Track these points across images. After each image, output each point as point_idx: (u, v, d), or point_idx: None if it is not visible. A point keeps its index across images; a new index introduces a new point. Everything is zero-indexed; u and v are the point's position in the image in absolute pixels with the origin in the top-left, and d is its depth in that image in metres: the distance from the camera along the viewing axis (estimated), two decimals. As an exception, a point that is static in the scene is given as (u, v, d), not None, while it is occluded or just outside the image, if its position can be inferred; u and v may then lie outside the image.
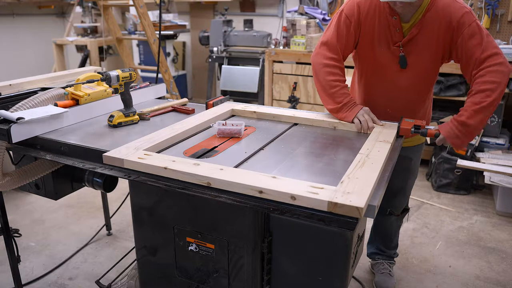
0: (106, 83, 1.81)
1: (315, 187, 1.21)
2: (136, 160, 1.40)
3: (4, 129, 1.63)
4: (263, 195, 1.22)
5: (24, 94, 2.08)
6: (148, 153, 1.46)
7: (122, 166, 1.43)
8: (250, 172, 1.32)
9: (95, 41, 5.30)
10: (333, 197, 1.15)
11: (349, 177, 1.28)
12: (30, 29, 6.21)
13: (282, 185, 1.22)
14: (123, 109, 1.88)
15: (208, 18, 5.93)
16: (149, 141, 1.57)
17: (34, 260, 2.70)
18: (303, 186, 1.21)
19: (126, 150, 1.48)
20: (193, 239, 1.50)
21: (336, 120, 1.86)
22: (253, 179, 1.26)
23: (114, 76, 1.80)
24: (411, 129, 1.73)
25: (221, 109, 2.03)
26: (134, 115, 1.89)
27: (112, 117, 1.84)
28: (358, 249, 1.53)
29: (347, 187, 1.21)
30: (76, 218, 3.23)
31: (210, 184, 1.29)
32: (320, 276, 1.36)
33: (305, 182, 1.24)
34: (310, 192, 1.18)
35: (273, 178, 1.26)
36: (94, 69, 2.62)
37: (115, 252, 2.79)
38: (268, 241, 1.40)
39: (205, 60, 5.61)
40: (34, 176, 1.91)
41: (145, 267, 1.68)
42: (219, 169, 1.33)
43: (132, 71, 1.86)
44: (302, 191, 1.18)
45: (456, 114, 1.75)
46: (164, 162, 1.38)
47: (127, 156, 1.42)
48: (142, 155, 1.44)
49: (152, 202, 1.56)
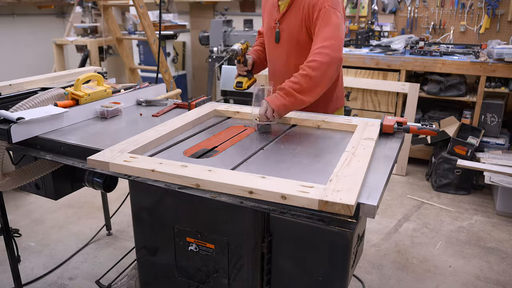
0: (234, 57, 1.98)
1: (305, 186, 1.21)
2: (122, 163, 1.38)
3: (4, 129, 1.63)
4: (253, 195, 1.22)
5: (24, 94, 2.08)
6: (134, 155, 1.44)
7: (108, 169, 1.40)
8: (240, 173, 1.31)
9: (95, 41, 5.30)
10: (323, 195, 1.16)
11: (337, 175, 1.29)
12: (30, 29, 6.21)
13: (272, 185, 1.23)
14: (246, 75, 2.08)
15: (208, 18, 5.93)
16: (134, 143, 1.56)
17: (34, 260, 2.70)
18: (293, 185, 1.22)
19: (110, 153, 1.45)
20: (193, 239, 1.50)
21: (319, 119, 1.87)
22: (243, 180, 1.26)
23: (239, 49, 1.98)
24: (393, 125, 1.75)
25: (204, 109, 2.03)
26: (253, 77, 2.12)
27: (241, 83, 2.05)
28: (358, 249, 1.53)
29: (336, 185, 1.22)
30: (76, 218, 3.23)
31: (199, 185, 1.29)
32: (320, 276, 1.36)
33: (295, 182, 1.24)
34: (300, 191, 1.18)
35: (263, 178, 1.26)
36: (94, 69, 2.61)
37: (115, 252, 2.79)
38: (268, 241, 1.40)
39: (205, 60, 5.61)
40: (34, 176, 1.91)
41: (145, 267, 1.68)
42: (208, 170, 1.32)
43: (247, 41, 2.05)
44: (292, 190, 1.19)
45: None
46: (151, 165, 1.36)
47: (112, 159, 1.40)
48: (128, 157, 1.42)
49: (152, 202, 1.56)
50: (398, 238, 2.96)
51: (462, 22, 4.38)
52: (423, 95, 3.95)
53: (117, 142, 1.63)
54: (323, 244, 1.32)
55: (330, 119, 1.88)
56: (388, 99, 4.06)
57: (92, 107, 1.99)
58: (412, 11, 4.58)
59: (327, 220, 1.19)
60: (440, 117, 4.08)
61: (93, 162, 1.43)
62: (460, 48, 4.14)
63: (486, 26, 4.28)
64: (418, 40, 4.17)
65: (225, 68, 4.87)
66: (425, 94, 3.94)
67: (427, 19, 4.55)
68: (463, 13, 4.36)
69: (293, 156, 1.53)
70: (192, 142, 1.70)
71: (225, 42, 4.94)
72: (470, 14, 4.34)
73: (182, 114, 1.96)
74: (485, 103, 3.75)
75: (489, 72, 3.62)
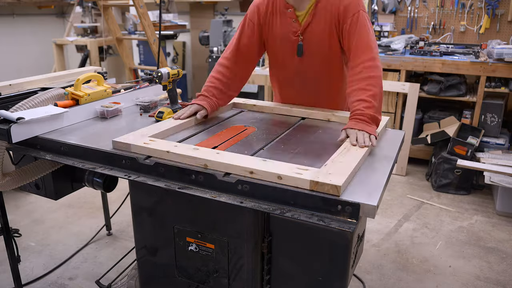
0: (158, 81, 1.86)
1: (300, 168, 1.30)
2: (142, 145, 1.50)
3: (4, 129, 1.63)
4: (254, 175, 1.31)
5: (24, 94, 2.08)
6: (152, 139, 1.57)
7: (130, 150, 1.52)
8: (244, 156, 1.42)
9: (95, 41, 5.30)
10: (315, 177, 1.24)
11: (333, 161, 1.37)
12: (30, 29, 6.21)
13: (271, 166, 1.32)
14: (170, 105, 1.96)
15: (208, 18, 5.93)
16: (153, 129, 1.69)
17: (34, 260, 2.70)
18: (290, 167, 1.30)
19: (133, 137, 1.58)
20: (193, 239, 1.50)
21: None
22: (246, 162, 1.36)
23: (166, 73, 1.87)
24: None
25: None
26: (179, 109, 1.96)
27: (162, 113, 1.89)
28: (358, 249, 1.53)
29: (329, 169, 1.29)
30: (76, 218, 3.23)
31: (207, 166, 1.38)
32: (320, 276, 1.36)
33: (293, 165, 1.32)
34: (295, 172, 1.27)
35: (264, 161, 1.36)
36: (94, 69, 2.62)
37: (115, 252, 2.79)
38: (268, 241, 1.40)
39: (205, 60, 5.61)
40: (34, 176, 1.91)
41: (145, 267, 1.68)
42: (216, 153, 1.43)
43: (179, 68, 1.95)
44: (288, 171, 1.27)
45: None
46: (167, 147, 1.48)
47: (134, 142, 1.53)
48: (148, 140, 1.54)
49: (152, 202, 1.56)
50: (398, 238, 2.96)
51: (462, 22, 4.38)
52: (423, 95, 3.95)
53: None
54: (323, 244, 1.32)
55: (339, 113, 1.93)
56: (388, 99, 4.06)
57: (92, 107, 1.99)
58: (412, 11, 4.58)
59: (327, 220, 1.19)
60: (440, 117, 4.08)
61: (118, 144, 1.54)
62: (460, 48, 4.14)
63: (486, 26, 4.28)
64: (418, 40, 4.18)
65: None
66: (425, 94, 3.94)
67: (427, 19, 4.55)
68: (463, 13, 4.36)
69: (292, 157, 1.53)
70: (192, 142, 1.70)
71: (225, 42, 4.94)
72: (470, 14, 4.34)
73: None
74: (485, 103, 3.76)
75: (489, 72, 3.62)
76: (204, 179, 1.36)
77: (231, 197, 1.31)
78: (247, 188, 1.30)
